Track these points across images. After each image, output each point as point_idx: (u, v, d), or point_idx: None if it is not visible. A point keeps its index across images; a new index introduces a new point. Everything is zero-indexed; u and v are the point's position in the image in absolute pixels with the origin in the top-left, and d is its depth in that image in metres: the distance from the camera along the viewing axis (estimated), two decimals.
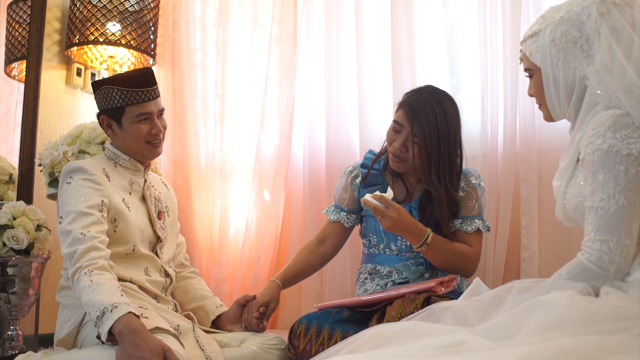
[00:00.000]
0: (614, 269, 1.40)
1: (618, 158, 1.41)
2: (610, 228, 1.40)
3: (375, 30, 2.88)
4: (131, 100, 2.06)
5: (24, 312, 2.58)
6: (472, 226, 2.13)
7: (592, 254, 1.42)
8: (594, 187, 1.44)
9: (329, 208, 2.33)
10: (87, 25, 3.10)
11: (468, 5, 2.79)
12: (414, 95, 2.12)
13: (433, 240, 2.02)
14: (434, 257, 2.07)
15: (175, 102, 3.21)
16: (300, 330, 1.97)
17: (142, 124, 2.08)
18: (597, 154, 1.43)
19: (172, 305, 2.12)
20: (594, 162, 1.44)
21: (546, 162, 2.48)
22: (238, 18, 3.18)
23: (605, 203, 1.41)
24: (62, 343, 1.97)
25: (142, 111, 2.07)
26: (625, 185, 1.40)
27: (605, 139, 1.43)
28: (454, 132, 2.10)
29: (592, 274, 1.41)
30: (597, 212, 1.42)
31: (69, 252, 1.85)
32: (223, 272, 3.00)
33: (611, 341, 1.10)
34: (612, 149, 1.42)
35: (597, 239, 1.42)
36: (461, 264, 2.10)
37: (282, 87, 3.01)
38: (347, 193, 2.27)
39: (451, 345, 1.23)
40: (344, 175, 2.31)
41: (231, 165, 3.10)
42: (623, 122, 1.43)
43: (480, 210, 2.17)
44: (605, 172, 1.42)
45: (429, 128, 2.05)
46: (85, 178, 1.99)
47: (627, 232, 1.40)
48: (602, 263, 1.40)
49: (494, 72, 2.57)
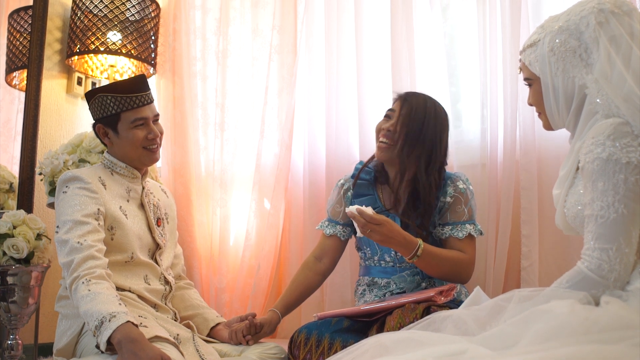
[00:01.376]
0: (614, 277, 1.39)
1: (617, 167, 1.41)
2: (610, 236, 1.40)
3: (375, 39, 2.88)
4: (126, 106, 2.06)
5: (23, 321, 2.58)
6: (463, 232, 2.12)
7: (591, 262, 1.42)
8: (593, 196, 1.44)
9: (324, 223, 2.34)
10: (87, 35, 3.11)
11: (468, 14, 2.80)
12: (409, 93, 2.22)
13: (424, 250, 2.01)
14: (427, 267, 2.07)
15: (176, 111, 3.22)
16: (300, 340, 1.97)
17: (138, 130, 2.09)
18: (596, 162, 1.44)
19: (172, 314, 2.12)
20: (594, 170, 1.44)
21: (546, 170, 2.47)
22: (238, 27, 3.19)
23: (604, 211, 1.41)
24: (62, 352, 1.97)
25: (137, 116, 2.08)
26: (624, 194, 1.40)
27: (604, 147, 1.43)
28: (440, 129, 2.15)
29: (592, 283, 1.41)
30: (597, 221, 1.42)
31: (66, 262, 1.85)
32: (223, 281, 3.00)
33: (611, 350, 1.10)
34: (611, 158, 1.42)
35: (597, 248, 1.42)
36: (455, 272, 2.09)
37: (282, 96, 3.02)
38: (341, 206, 2.28)
39: (451, 355, 1.22)
40: (336, 189, 2.33)
41: (231, 174, 3.10)
42: (622, 131, 1.43)
43: (471, 214, 2.16)
44: (605, 180, 1.42)
45: (416, 110, 2.12)
46: (81, 187, 1.99)
47: (627, 240, 1.40)
48: (601, 272, 1.40)
49: (494, 81, 2.57)
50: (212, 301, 2.97)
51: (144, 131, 2.09)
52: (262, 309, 2.90)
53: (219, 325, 2.20)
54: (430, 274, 2.10)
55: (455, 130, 2.71)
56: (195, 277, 3.01)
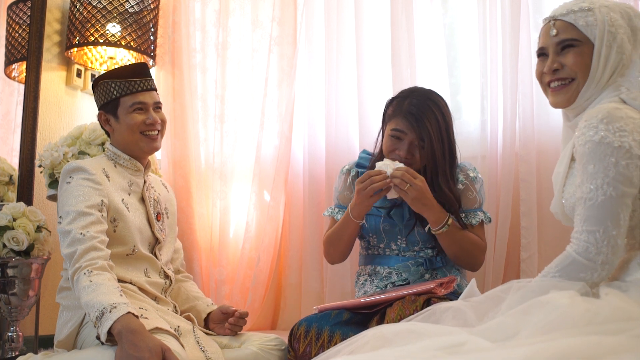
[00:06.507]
0: (601, 260, 1.39)
1: (609, 150, 1.41)
2: (597, 219, 1.40)
3: (375, 31, 2.88)
4: (125, 90, 2.07)
5: (24, 313, 2.58)
6: (476, 218, 2.14)
7: (579, 245, 1.42)
8: (583, 178, 1.44)
9: (332, 210, 2.31)
10: (87, 27, 3.10)
11: (468, 6, 2.79)
12: (407, 101, 2.11)
13: (452, 223, 2.03)
14: (450, 243, 2.07)
15: (175, 104, 3.21)
16: (300, 333, 1.97)
17: (136, 114, 2.09)
18: (588, 145, 1.43)
19: (172, 306, 2.12)
20: (584, 153, 1.44)
21: (545, 162, 2.48)
22: (238, 19, 3.18)
23: (593, 194, 1.41)
24: (62, 344, 1.97)
25: (135, 100, 2.08)
26: (614, 177, 1.40)
27: (597, 130, 1.43)
28: (451, 129, 2.14)
29: (580, 266, 1.41)
30: (585, 203, 1.42)
31: (68, 253, 1.85)
32: (223, 273, 3.00)
33: (612, 342, 1.10)
34: (603, 141, 1.41)
35: (584, 230, 1.42)
36: (473, 254, 2.11)
37: (282, 88, 3.02)
38: (351, 192, 2.26)
39: (451, 346, 1.23)
40: (342, 175, 2.31)
41: (231, 167, 3.10)
42: (616, 115, 1.43)
43: (482, 202, 2.18)
44: (595, 163, 1.42)
45: (434, 132, 2.06)
46: (85, 178, 1.98)
47: (615, 223, 1.40)
48: (589, 254, 1.40)
49: (494, 73, 2.57)
50: (212, 293, 2.97)
51: (143, 116, 2.09)
52: (262, 300, 2.91)
53: (210, 314, 2.20)
54: (449, 252, 2.10)
55: (455, 122, 2.69)
56: (195, 269, 3.02)
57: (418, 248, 2.16)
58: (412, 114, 2.08)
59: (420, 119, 2.06)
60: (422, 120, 2.06)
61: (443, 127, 2.09)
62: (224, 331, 2.13)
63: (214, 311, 2.19)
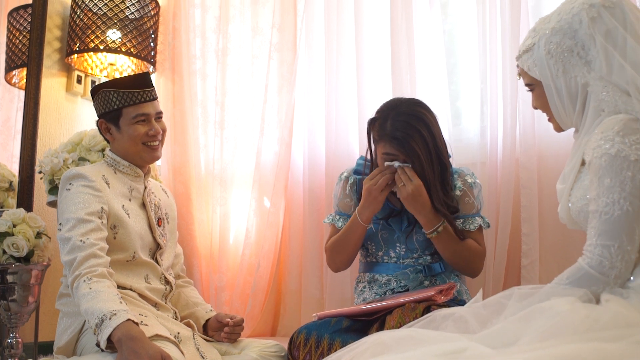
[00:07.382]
0: (615, 274, 1.39)
1: (625, 163, 1.40)
2: (613, 233, 1.40)
3: (375, 37, 2.88)
4: (128, 101, 2.07)
5: (23, 319, 2.57)
6: (474, 224, 2.14)
7: (593, 259, 1.41)
8: (599, 192, 1.43)
9: (333, 217, 2.30)
10: (87, 33, 3.11)
11: (467, 12, 2.79)
12: (389, 123, 2.07)
13: (446, 228, 2.04)
14: (445, 248, 2.08)
15: (175, 110, 3.22)
16: (300, 341, 1.96)
17: (139, 125, 2.09)
18: (604, 158, 1.42)
19: (172, 313, 2.12)
20: (601, 166, 1.43)
21: (546, 169, 2.47)
22: (238, 25, 3.19)
23: (609, 208, 1.41)
24: (62, 351, 1.97)
25: (139, 112, 2.08)
26: (630, 192, 1.39)
27: (613, 143, 1.42)
28: (439, 137, 2.11)
29: (593, 279, 1.40)
30: (601, 217, 1.42)
31: (68, 260, 1.85)
32: (223, 279, 3.00)
33: (612, 348, 1.10)
34: (620, 154, 1.41)
35: (599, 244, 1.41)
36: (470, 260, 2.11)
37: (282, 94, 3.02)
38: (351, 200, 2.26)
39: (452, 353, 1.22)
40: (340, 182, 2.30)
41: (231, 173, 3.10)
42: (632, 128, 1.42)
43: (480, 207, 2.18)
44: (612, 176, 1.41)
45: (422, 152, 2.04)
46: (85, 184, 1.98)
47: (630, 238, 1.39)
48: (602, 268, 1.40)
49: (494, 79, 2.57)
50: (212, 299, 2.97)
51: (145, 127, 2.10)
52: (261, 306, 2.91)
53: (209, 320, 2.19)
54: (445, 257, 2.11)
55: (454, 128, 2.71)
56: (195, 275, 3.01)
57: (417, 255, 2.16)
58: (396, 138, 2.04)
59: (406, 142, 2.03)
60: (409, 143, 2.03)
61: (431, 144, 2.05)
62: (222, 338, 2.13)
63: (211, 319, 2.18)
